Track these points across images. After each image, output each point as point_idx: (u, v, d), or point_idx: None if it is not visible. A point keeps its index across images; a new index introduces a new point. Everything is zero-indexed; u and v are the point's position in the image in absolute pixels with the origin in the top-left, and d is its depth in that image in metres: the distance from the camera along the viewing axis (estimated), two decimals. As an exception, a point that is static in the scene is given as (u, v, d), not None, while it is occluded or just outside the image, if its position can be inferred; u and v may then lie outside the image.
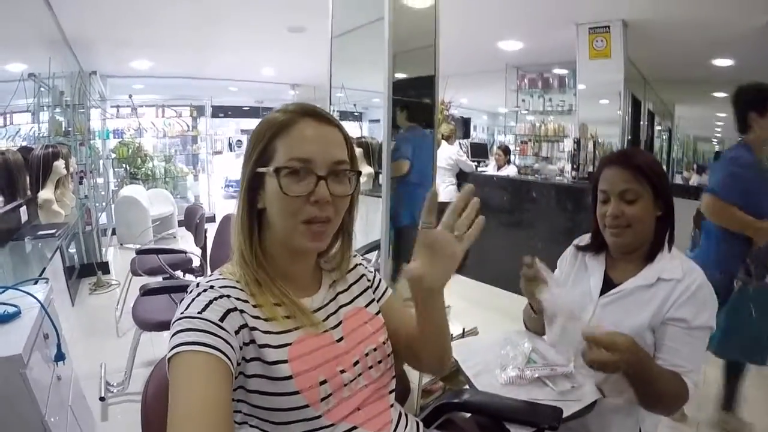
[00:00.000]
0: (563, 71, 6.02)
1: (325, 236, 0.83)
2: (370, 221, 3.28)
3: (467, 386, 1.29)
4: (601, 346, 1.01)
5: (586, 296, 1.29)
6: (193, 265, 3.54)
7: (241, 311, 0.77)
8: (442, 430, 1.15)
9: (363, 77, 2.80)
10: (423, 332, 0.92)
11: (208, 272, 3.17)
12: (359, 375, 0.86)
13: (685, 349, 1.11)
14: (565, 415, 1.09)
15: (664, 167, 7.01)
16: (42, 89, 3.69)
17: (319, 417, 0.78)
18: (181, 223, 5.80)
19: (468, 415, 1.28)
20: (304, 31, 4.74)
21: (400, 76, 2.08)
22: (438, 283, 0.83)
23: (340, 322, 0.90)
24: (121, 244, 5.83)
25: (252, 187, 0.82)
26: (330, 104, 2.72)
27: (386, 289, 1.04)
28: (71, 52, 4.76)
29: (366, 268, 1.04)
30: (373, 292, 1.01)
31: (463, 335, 2.30)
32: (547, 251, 1.22)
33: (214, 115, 8.00)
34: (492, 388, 1.22)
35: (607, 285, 1.28)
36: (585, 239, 1.40)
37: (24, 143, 4.01)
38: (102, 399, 2.44)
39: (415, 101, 2.24)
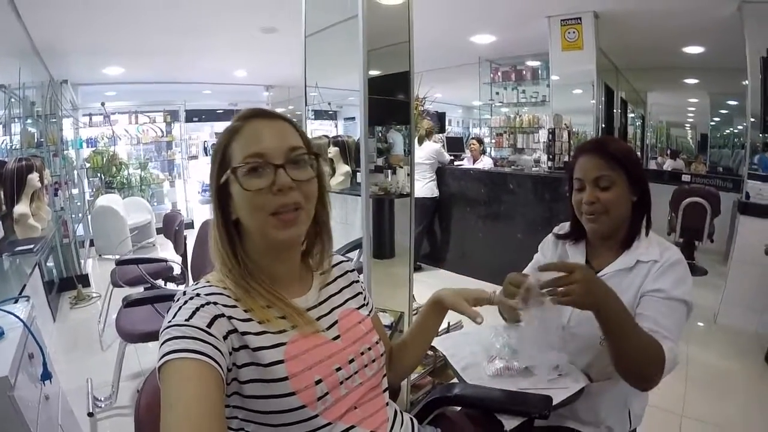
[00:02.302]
0: (536, 63, 6.08)
1: (298, 222, 0.83)
2: (350, 221, 3.29)
3: (456, 380, 1.31)
4: (557, 270, 1.03)
5: None
6: (175, 273, 3.50)
7: (229, 317, 0.77)
8: (435, 424, 1.17)
9: (337, 76, 2.80)
10: (414, 343, 1.12)
11: (190, 280, 3.15)
12: (355, 373, 0.87)
13: (662, 318, 1.10)
14: (554, 402, 1.12)
15: (639, 153, 7.16)
16: (12, 100, 3.60)
17: (315, 417, 0.79)
18: (159, 231, 5.74)
19: (458, 408, 1.30)
20: (277, 31, 4.72)
21: (374, 73, 2.08)
22: (450, 305, 1.06)
23: (335, 322, 0.92)
24: (100, 255, 5.73)
25: (222, 199, 0.84)
26: (305, 104, 2.71)
27: (373, 306, 1.08)
28: (41, 61, 4.66)
29: (358, 277, 1.07)
30: (364, 299, 1.04)
31: (448, 330, 2.33)
32: (526, 241, 1.24)
33: (188, 119, 7.88)
34: (481, 381, 1.24)
35: None
36: (564, 228, 1.42)
37: (-4, 156, 3.92)
38: (90, 415, 2.40)
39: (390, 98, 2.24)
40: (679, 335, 1.12)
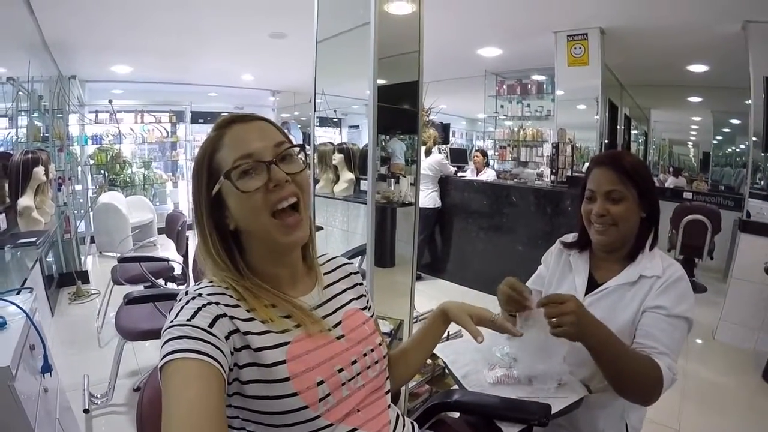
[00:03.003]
0: (541, 77, 6.13)
1: (301, 224, 0.85)
2: (352, 228, 3.29)
3: (455, 387, 1.32)
4: (550, 302, 1.08)
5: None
6: (176, 273, 3.51)
7: (231, 317, 0.77)
8: (434, 430, 1.17)
9: (343, 84, 2.81)
10: (415, 350, 1.12)
11: (191, 280, 3.15)
12: (357, 374, 0.87)
13: (661, 334, 1.13)
14: (553, 411, 1.12)
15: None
16: (20, 93, 3.62)
17: (317, 418, 0.78)
18: (160, 231, 5.74)
19: (457, 414, 1.31)
20: (286, 37, 4.75)
21: (382, 82, 2.10)
22: (454, 317, 1.07)
23: (340, 322, 0.92)
24: (101, 253, 5.74)
25: (214, 213, 0.84)
26: (314, 110, 2.72)
27: (374, 312, 1.08)
28: (50, 56, 4.69)
29: (362, 279, 1.08)
30: (367, 302, 1.04)
31: (448, 338, 2.33)
32: (526, 254, 1.26)
33: (194, 120, 7.86)
34: (481, 388, 1.24)
35: (591, 284, 1.32)
36: (570, 237, 1.44)
37: (1, 148, 3.94)
38: (86, 411, 2.40)
39: (397, 107, 2.25)
40: (678, 352, 1.14)
